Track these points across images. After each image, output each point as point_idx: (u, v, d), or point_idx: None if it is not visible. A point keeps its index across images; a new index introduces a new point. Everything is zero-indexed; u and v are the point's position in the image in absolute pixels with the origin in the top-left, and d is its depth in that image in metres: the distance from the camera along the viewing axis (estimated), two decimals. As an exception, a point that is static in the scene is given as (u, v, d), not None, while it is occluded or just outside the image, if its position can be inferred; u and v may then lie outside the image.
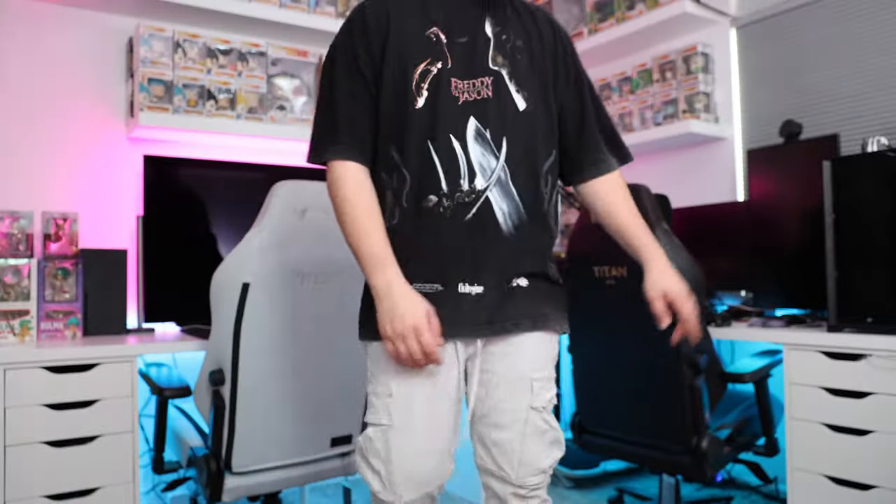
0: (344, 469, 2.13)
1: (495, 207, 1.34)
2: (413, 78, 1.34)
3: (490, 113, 1.35)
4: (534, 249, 1.41)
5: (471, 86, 1.35)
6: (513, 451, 1.36)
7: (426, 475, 1.35)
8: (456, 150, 1.33)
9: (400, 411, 1.33)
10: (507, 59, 1.38)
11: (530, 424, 1.37)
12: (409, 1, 1.39)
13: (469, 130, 1.34)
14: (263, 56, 2.77)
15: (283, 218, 1.89)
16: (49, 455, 1.92)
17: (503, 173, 1.35)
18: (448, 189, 1.32)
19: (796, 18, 2.75)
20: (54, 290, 2.26)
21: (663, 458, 2.12)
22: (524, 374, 1.38)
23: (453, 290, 1.34)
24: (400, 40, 1.35)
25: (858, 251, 1.98)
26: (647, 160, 3.33)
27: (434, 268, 1.34)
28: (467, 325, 1.34)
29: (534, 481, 1.37)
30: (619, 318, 2.16)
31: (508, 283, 1.37)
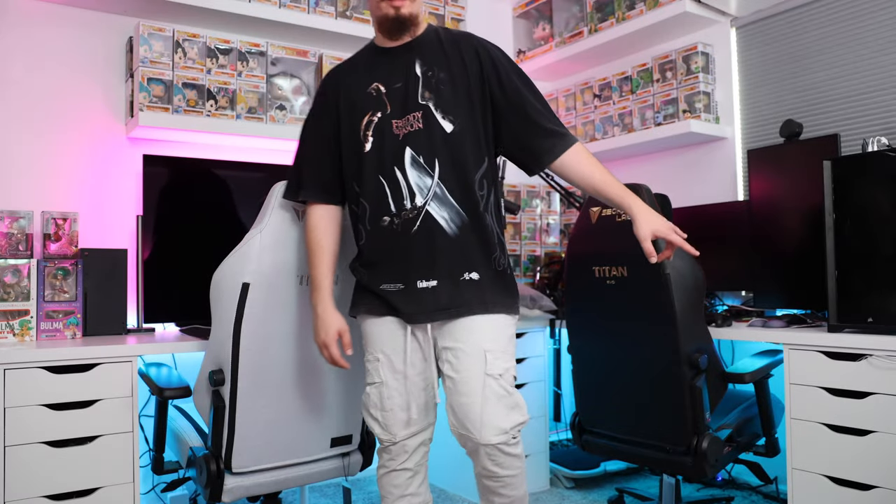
0: (344, 469, 2.13)
1: (437, 217, 1.68)
2: (360, 128, 1.74)
3: (421, 141, 1.69)
4: (479, 245, 1.72)
5: (406, 122, 1.71)
6: (474, 413, 1.63)
7: (413, 417, 1.74)
8: (398, 177, 1.69)
9: (387, 371, 1.74)
10: (433, 92, 1.70)
11: (488, 389, 1.63)
12: (357, 67, 1.81)
13: (406, 159, 1.69)
14: (263, 56, 2.77)
15: (283, 218, 1.89)
16: (49, 455, 1.92)
17: (438, 189, 1.68)
18: (395, 209, 1.70)
19: (796, 18, 2.75)
20: (54, 290, 2.26)
21: (663, 458, 2.12)
22: (479, 348, 1.66)
23: (413, 286, 1.70)
24: (348, 101, 1.77)
25: (858, 251, 1.98)
26: (647, 160, 3.33)
27: (395, 271, 1.72)
28: (426, 312, 1.69)
29: (497, 440, 1.62)
30: (619, 318, 2.16)
31: (460, 276, 1.70)
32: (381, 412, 1.75)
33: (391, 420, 1.75)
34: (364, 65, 1.80)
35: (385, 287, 1.73)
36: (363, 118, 1.74)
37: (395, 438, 1.75)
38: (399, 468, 1.77)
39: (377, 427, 1.77)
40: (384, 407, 1.75)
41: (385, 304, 1.74)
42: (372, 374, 1.78)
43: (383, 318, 1.75)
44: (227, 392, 1.87)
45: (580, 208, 2.37)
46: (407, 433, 1.75)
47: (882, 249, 1.94)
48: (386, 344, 1.75)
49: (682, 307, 2.01)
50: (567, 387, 3.20)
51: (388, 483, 1.79)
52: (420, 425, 1.76)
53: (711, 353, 2.10)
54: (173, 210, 2.53)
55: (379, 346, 1.76)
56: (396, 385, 1.74)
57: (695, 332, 2.05)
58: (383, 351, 1.75)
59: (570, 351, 2.39)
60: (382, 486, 1.81)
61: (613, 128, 3.25)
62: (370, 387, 1.78)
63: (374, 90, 1.74)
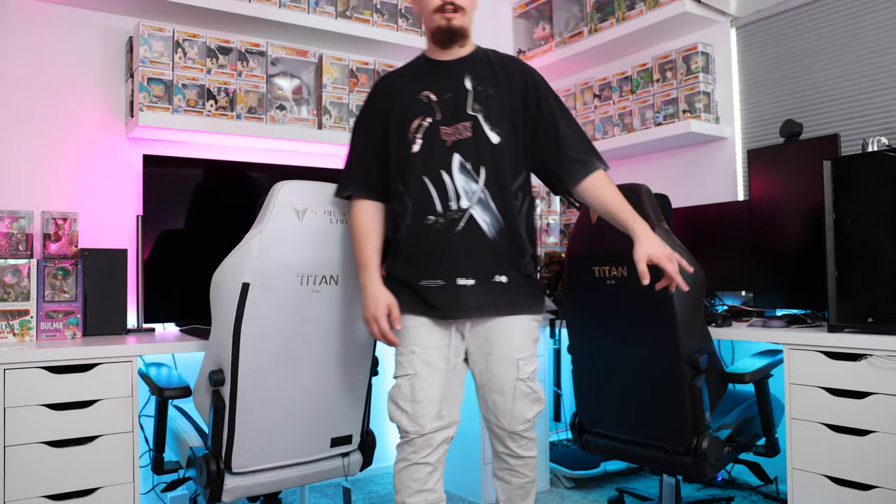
0: (344, 469, 2.13)
1: (479, 220, 1.82)
2: (409, 131, 1.86)
3: (470, 149, 1.83)
4: (511, 251, 1.86)
5: (455, 130, 1.84)
6: (506, 408, 1.87)
7: (442, 411, 1.83)
8: (444, 179, 1.82)
9: (421, 364, 1.83)
10: (482, 105, 1.85)
11: (518, 391, 1.86)
12: (408, 74, 1.95)
13: (455, 164, 1.83)
14: (263, 56, 2.77)
15: (283, 218, 1.89)
16: (49, 455, 1.92)
17: (483, 194, 1.82)
18: (441, 209, 1.82)
19: (796, 18, 2.75)
20: (54, 290, 2.26)
21: (664, 458, 2.12)
22: (512, 356, 1.85)
23: (453, 283, 1.82)
24: (399, 106, 1.89)
25: (858, 251, 1.98)
26: (647, 160, 3.33)
27: (436, 268, 1.83)
28: (463, 309, 1.82)
29: (521, 427, 1.89)
30: (620, 318, 2.16)
31: (491, 278, 1.84)
32: (411, 404, 1.81)
33: (421, 412, 1.81)
34: (415, 73, 1.94)
35: (425, 283, 1.83)
36: (412, 122, 1.87)
37: (422, 430, 1.81)
38: (421, 461, 1.82)
39: (405, 419, 1.82)
40: (415, 399, 1.81)
41: (423, 303, 1.84)
42: (405, 366, 1.84)
43: (419, 317, 1.84)
44: (227, 392, 1.87)
45: (580, 208, 2.37)
46: (435, 426, 1.82)
47: (882, 249, 1.94)
48: (423, 339, 1.84)
49: (682, 307, 2.01)
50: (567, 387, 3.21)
51: (408, 477, 1.83)
52: (447, 420, 1.85)
53: (711, 353, 2.10)
54: (173, 210, 2.53)
55: (415, 340, 1.84)
56: (430, 378, 1.82)
57: (695, 332, 2.05)
58: (419, 345, 1.84)
59: (570, 351, 2.39)
60: (400, 480, 1.84)
61: (613, 128, 3.25)
62: (402, 378, 1.84)
63: (424, 97, 1.88)
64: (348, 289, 2.01)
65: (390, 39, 3.03)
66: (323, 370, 2.00)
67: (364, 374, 2.11)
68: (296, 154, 2.99)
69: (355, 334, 2.06)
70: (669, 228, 2.10)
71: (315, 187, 1.97)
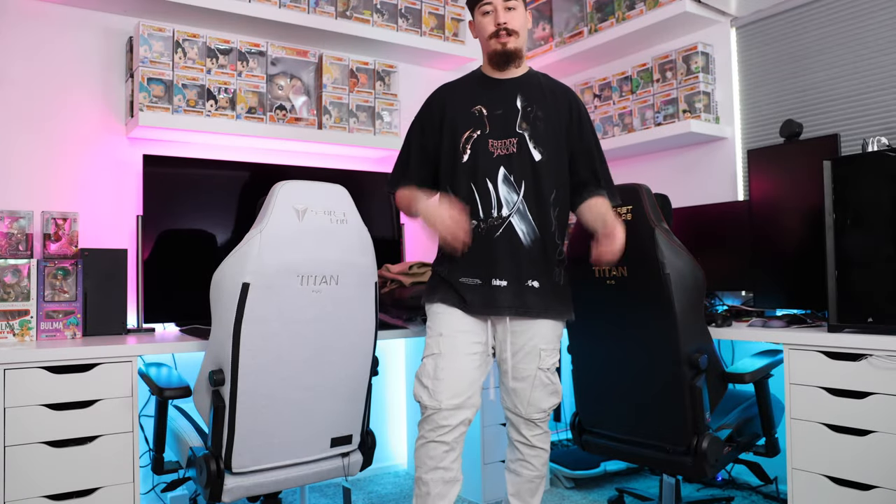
0: (344, 469, 2.13)
1: (517, 228, 1.98)
2: (460, 142, 2.02)
3: (514, 164, 1.99)
4: (544, 260, 2.00)
5: (502, 144, 2.00)
6: (525, 396, 2.02)
7: (460, 390, 1.94)
8: (489, 189, 1.99)
9: (446, 345, 1.96)
10: (529, 124, 2.01)
11: (538, 379, 2.01)
12: (464, 88, 2.10)
13: (499, 176, 1.99)
14: (263, 56, 2.77)
15: (283, 218, 1.89)
16: (49, 455, 1.92)
17: (522, 205, 1.98)
18: (483, 216, 1.99)
19: (796, 18, 2.75)
20: (54, 290, 2.26)
21: (663, 458, 2.12)
22: (536, 346, 2.00)
23: (488, 283, 1.98)
24: (452, 117, 2.05)
25: (858, 251, 1.98)
26: (647, 160, 3.33)
27: (475, 268, 1.99)
28: (496, 306, 1.97)
29: (537, 416, 2.04)
30: (619, 318, 2.16)
31: (525, 282, 1.98)
32: (432, 381, 1.94)
33: (441, 388, 1.93)
34: (470, 88, 2.10)
35: (463, 280, 1.99)
36: (464, 133, 2.02)
37: (440, 406, 1.92)
38: (438, 440, 1.92)
39: (425, 395, 1.95)
40: (437, 376, 1.94)
41: (458, 298, 1.99)
42: (431, 346, 1.99)
43: (453, 308, 1.99)
44: (227, 392, 1.87)
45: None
46: (452, 403, 1.92)
47: (882, 249, 1.94)
48: (453, 324, 1.98)
49: (682, 307, 2.01)
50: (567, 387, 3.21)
51: (425, 454, 1.95)
52: (465, 400, 1.94)
53: (711, 353, 2.10)
54: (173, 210, 2.53)
55: (445, 324, 1.99)
56: (452, 358, 1.95)
57: (695, 332, 2.05)
58: (447, 328, 1.98)
59: (570, 351, 2.39)
60: (419, 457, 1.96)
61: (613, 128, 3.25)
62: (427, 358, 1.99)
63: (476, 111, 2.03)
64: (348, 289, 2.01)
65: (390, 39, 3.03)
66: (323, 370, 2.00)
67: (364, 374, 2.11)
68: (296, 154, 3.00)
69: (355, 334, 2.06)
70: (669, 228, 2.10)
71: (315, 187, 1.97)
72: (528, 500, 2.11)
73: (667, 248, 2.01)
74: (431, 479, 1.92)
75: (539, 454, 2.07)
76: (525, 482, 2.09)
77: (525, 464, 2.08)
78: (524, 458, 2.07)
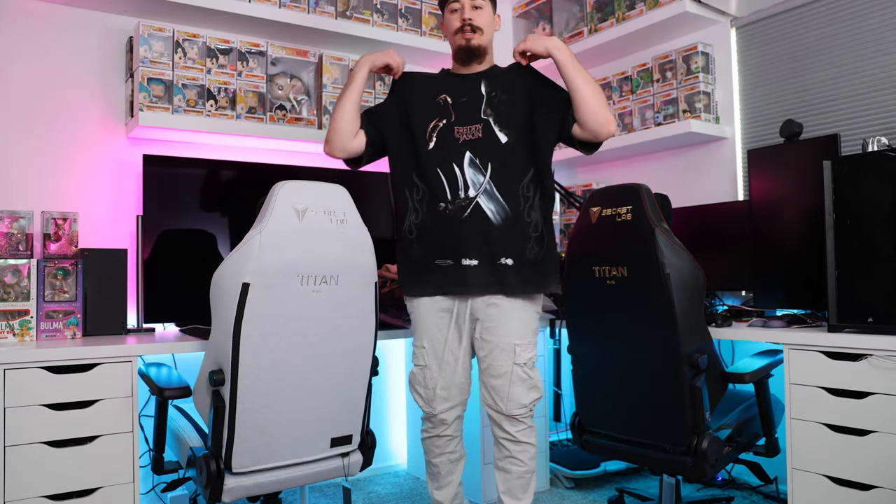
0: (344, 469, 2.13)
1: (484, 208, 2.06)
2: (427, 129, 2.13)
3: (480, 147, 2.09)
4: (516, 237, 2.07)
5: (468, 130, 2.11)
6: (503, 391, 2.07)
7: (450, 395, 2.14)
8: (456, 172, 2.08)
9: (431, 357, 2.14)
10: (493, 109, 2.11)
11: (515, 375, 2.06)
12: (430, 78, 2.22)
13: (465, 159, 2.09)
14: (263, 56, 2.77)
15: (283, 218, 1.89)
16: (49, 455, 1.92)
17: (489, 185, 2.07)
18: (451, 197, 2.08)
19: (796, 18, 2.75)
20: (54, 290, 2.26)
21: (664, 458, 2.12)
22: (510, 342, 2.07)
23: (459, 263, 2.07)
24: (417, 104, 2.16)
25: (858, 251, 1.98)
26: (647, 160, 3.33)
27: (445, 249, 2.08)
28: (466, 285, 2.06)
29: (518, 412, 2.08)
30: (620, 318, 2.16)
31: (497, 261, 2.05)
32: (424, 389, 2.15)
33: (433, 396, 2.14)
34: (436, 79, 2.22)
35: (439, 262, 2.09)
36: (430, 122, 2.13)
37: (435, 412, 2.14)
38: (440, 434, 2.18)
39: (421, 401, 2.17)
40: (427, 385, 2.15)
41: (435, 282, 2.09)
42: (419, 357, 2.17)
43: (433, 298, 2.11)
44: (227, 392, 1.87)
45: (580, 208, 2.37)
46: (445, 407, 2.14)
47: (882, 249, 1.94)
48: (431, 334, 2.14)
49: (682, 307, 2.00)
50: (567, 387, 3.21)
51: (431, 444, 2.21)
52: (457, 401, 2.16)
53: (711, 353, 2.10)
54: (173, 210, 2.53)
55: (426, 335, 2.15)
56: (438, 369, 2.13)
57: (695, 332, 2.05)
58: (428, 339, 2.14)
59: (570, 351, 2.38)
60: (425, 445, 2.23)
61: (613, 128, 3.25)
62: (416, 368, 2.18)
63: (441, 100, 2.14)
64: (348, 289, 2.01)
65: (390, 39, 3.03)
66: (323, 370, 2.00)
67: (364, 374, 2.11)
68: (296, 154, 3.00)
69: (355, 334, 2.06)
70: (669, 228, 2.10)
71: (315, 187, 1.97)
72: (519, 496, 2.12)
73: (667, 248, 2.01)
74: (440, 461, 2.20)
75: (525, 449, 2.10)
76: (514, 478, 2.11)
77: (513, 460, 2.10)
78: (511, 454, 2.10)
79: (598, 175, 3.59)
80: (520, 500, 2.12)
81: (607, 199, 2.16)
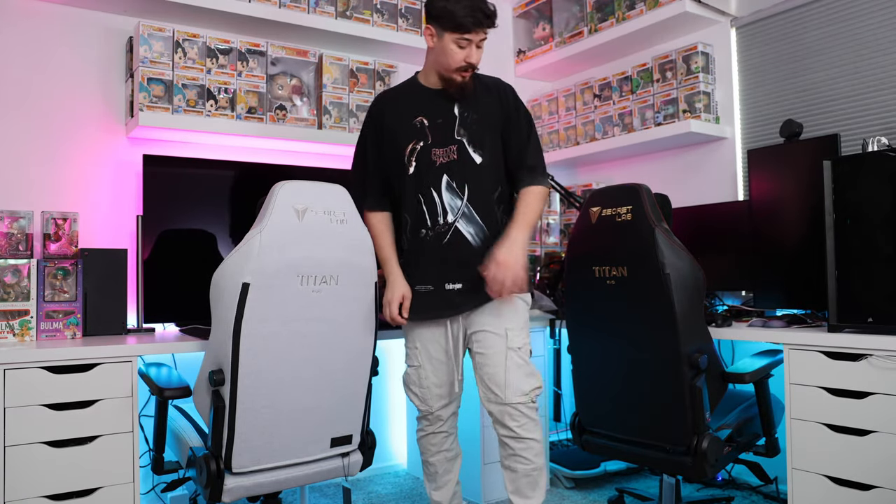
0: (344, 469, 2.13)
1: (464, 231, 2.07)
2: (405, 154, 2.11)
3: (456, 169, 2.07)
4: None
5: (444, 152, 2.08)
6: (499, 377, 2.04)
7: (444, 392, 2.16)
8: (434, 197, 2.08)
9: (423, 357, 2.16)
10: (466, 129, 2.09)
11: (510, 360, 2.04)
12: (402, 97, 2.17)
13: (443, 183, 2.08)
14: (263, 56, 2.77)
15: (283, 218, 1.89)
16: (49, 455, 1.92)
17: (467, 209, 2.07)
18: (431, 223, 2.09)
19: (796, 18, 2.75)
20: (54, 290, 2.26)
21: (664, 458, 2.12)
22: (502, 327, 2.06)
23: (441, 288, 2.09)
24: (393, 128, 2.13)
25: (858, 251, 1.98)
26: (647, 160, 3.33)
27: (426, 275, 2.10)
28: (452, 307, 2.08)
29: (518, 400, 2.03)
30: (619, 318, 2.16)
31: (479, 278, 2.01)
32: (419, 388, 2.17)
33: (428, 395, 2.16)
34: (409, 97, 2.16)
35: (419, 288, 2.11)
36: (408, 145, 2.11)
37: (431, 409, 2.16)
38: (436, 431, 2.19)
39: (416, 399, 2.18)
40: (422, 385, 2.16)
41: (420, 306, 2.10)
42: (412, 357, 2.18)
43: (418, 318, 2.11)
44: (227, 392, 1.87)
45: (580, 208, 2.37)
46: (440, 405, 2.16)
47: (882, 249, 1.94)
48: (424, 335, 2.15)
49: (682, 307, 2.00)
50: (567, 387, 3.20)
51: (427, 442, 2.21)
52: (451, 398, 2.17)
53: (711, 353, 2.10)
54: (173, 210, 2.53)
55: (418, 336, 2.16)
56: (432, 368, 2.14)
57: (695, 332, 2.05)
58: (420, 340, 2.15)
59: (570, 351, 2.38)
60: (421, 445, 2.23)
61: (613, 128, 3.25)
62: (410, 368, 2.19)
63: (418, 122, 2.11)
64: (348, 289, 2.01)
65: (390, 39, 3.03)
66: (323, 370, 2.00)
67: (364, 374, 2.11)
68: (296, 154, 3.00)
69: (355, 334, 2.06)
70: (669, 228, 2.10)
71: (315, 187, 1.97)
72: (528, 494, 2.06)
73: (667, 248, 2.01)
74: (437, 460, 2.20)
75: (529, 446, 2.04)
76: (522, 477, 2.05)
77: (518, 458, 2.05)
78: (515, 452, 2.04)
79: (598, 175, 3.60)
80: (529, 498, 2.06)
81: (607, 199, 2.16)
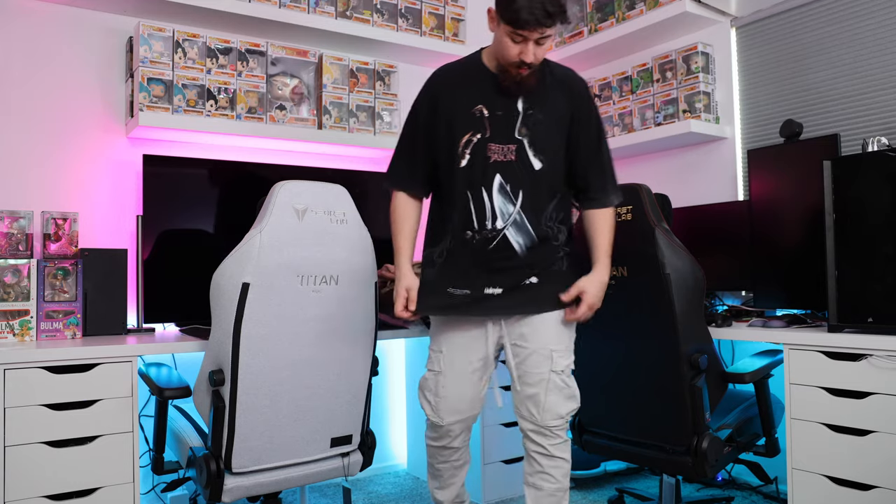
0: (344, 469, 2.13)
1: (511, 240, 1.89)
2: (459, 144, 1.89)
3: (511, 172, 1.88)
4: (543, 260, 1.92)
5: (500, 149, 1.88)
6: (539, 401, 1.90)
7: (460, 408, 1.97)
8: (484, 198, 1.88)
9: (445, 363, 1.96)
10: (529, 129, 1.88)
11: (552, 383, 1.90)
12: (464, 77, 1.93)
13: (495, 184, 1.88)
14: (263, 56, 2.77)
15: (283, 218, 1.89)
16: (49, 455, 1.92)
17: (519, 216, 1.89)
18: (478, 226, 1.89)
19: (796, 18, 2.75)
20: (54, 290, 2.26)
21: (664, 458, 2.12)
22: (546, 347, 1.91)
23: (479, 292, 1.90)
24: (451, 112, 1.90)
25: (858, 251, 1.98)
26: (647, 160, 3.33)
27: (464, 279, 1.91)
28: (487, 309, 1.90)
29: (554, 423, 1.91)
30: (620, 319, 2.16)
31: (522, 282, 1.90)
32: (434, 396, 1.98)
33: (442, 406, 1.97)
34: (470, 81, 1.93)
35: (451, 290, 1.92)
36: (463, 136, 1.89)
37: (441, 422, 1.97)
38: (445, 446, 2.02)
39: (428, 408, 2.00)
40: (438, 393, 1.97)
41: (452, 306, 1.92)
42: (433, 361, 1.99)
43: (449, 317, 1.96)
44: (227, 392, 1.87)
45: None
46: (453, 419, 1.97)
47: (882, 249, 1.94)
48: (453, 340, 1.96)
49: (682, 307, 2.01)
50: (567, 387, 3.20)
51: (436, 451, 2.05)
52: (467, 414, 1.99)
53: (711, 353, 2.10)
54: (173, 210, 2.53)
55: (445, 340, 1.97)
56: (452, 377, 1.96)
57: (695, 332, 2.05)
58: (447, 345, 1.96)
59: (570, 351, 2.38)
60: (429, 451, 2.07)
61: (613, 128, 3.25)
62: (430, 373, 2.00)
63: (477, 111, 1.89)
64: (348, 289, 2.01)
65: (390, 39, 3.03)
66: (323, 370, 2.00)
67: (364, 374, 2.11)
68: (296, 154, 3.00)
69: (355, 334, 2.06)
70: (669, 228, 2.10)
71: (315, 187, 1.97)
72: None
73: (667, 248, 2.01)
74: (444, 467, 2.06)
75: (559, 465, 1.93)
76: (546, 496, 1.93)
77: (545, 476, 1.93)
78: (543, 469, 1.93)
79: (598, 175, 3.59)
80: None
81: (607, 199, 2.16)
